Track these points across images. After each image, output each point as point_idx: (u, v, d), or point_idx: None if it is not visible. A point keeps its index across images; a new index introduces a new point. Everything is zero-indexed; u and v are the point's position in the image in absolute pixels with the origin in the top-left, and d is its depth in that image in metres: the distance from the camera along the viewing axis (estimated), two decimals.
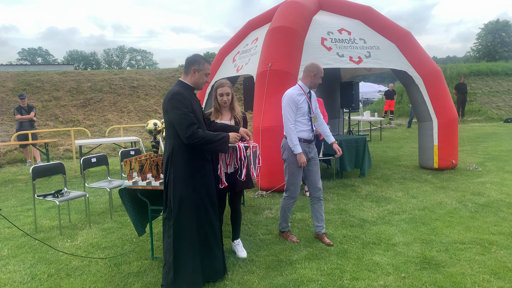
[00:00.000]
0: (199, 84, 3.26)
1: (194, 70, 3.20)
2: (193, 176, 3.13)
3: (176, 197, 3.10)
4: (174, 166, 3.11)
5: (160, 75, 17.83)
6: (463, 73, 21.84)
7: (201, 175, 3.18)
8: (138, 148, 6.40)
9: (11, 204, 6.39)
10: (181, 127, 3.00)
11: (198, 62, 3.20)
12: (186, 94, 3.11)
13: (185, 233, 3.13)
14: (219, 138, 3.13)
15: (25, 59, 68.01)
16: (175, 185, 3.10)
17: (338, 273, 3.50)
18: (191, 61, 3.22)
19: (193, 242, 3.14)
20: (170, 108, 3.04)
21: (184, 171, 3.10)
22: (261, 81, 6.72)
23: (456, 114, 7.79)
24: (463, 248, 3.98)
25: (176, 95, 3.05)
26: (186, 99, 3.06)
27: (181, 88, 3.14)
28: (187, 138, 3.00)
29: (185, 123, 2.99)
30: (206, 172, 3.22)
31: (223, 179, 3.63)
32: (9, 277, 3.67)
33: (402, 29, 7.90)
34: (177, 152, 3.10)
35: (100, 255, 4.12)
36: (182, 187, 3.10)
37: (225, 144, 3.15)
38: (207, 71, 3.26)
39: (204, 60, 3.23)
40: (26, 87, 14.67)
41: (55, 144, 12.20)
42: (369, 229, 4.60)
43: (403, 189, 6.44)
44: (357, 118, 14.85)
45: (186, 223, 3.12)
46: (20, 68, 25.60)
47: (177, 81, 3.26)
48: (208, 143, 3.07)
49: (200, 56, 3.26)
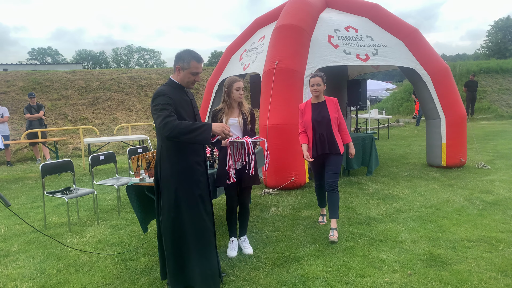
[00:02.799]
0: (185, 83, 3.03)
1: (178, 69, 2.98)
2: (181, 177, 2.98)
3: (165, 200, 3.01)
4: (161, 168, 3.00)
5: (167, 73, 17.91)
6: (473, 71, 21.61)
7: (190, 176, 3.02)
8: (146, 146, 6.45)
9: (21, 201, 6.48)
10: (156, 124, 2.80)
11: (183, 60, 2.95)
12: (170, 93, 2.91)
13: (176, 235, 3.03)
14: (197, 126, 2.77)
15: (35, 59, 68.70)
16: (163, 188, 3.00)
17: (344, 270, 3.51)
18: (177, 58, 2.99)
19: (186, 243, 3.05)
20: (151, 108, 2.90)
21: (171, 173, 2.97)
22: (268, 79, 6.73)
23: (464, 112, 7.73)
24: (470, 245, 3.96)
25: (157, 94, 2.89)
26: (167, 97, 2.86)
27: (167, 87, 2.95)
28: (160, 130, 2.77)
29: (158, 118, 2.78)
30: (195, 172, 3.04)
31: (231, 175, 3.65)
32: (19, 272, 3.73)
33: (409, 26, 7.85)
34: (164, 154, 2.98)
35: (108, 251, 4.16)
36: (169, 190, 2.98)
37: (206, 133, 2.79)
38: (194, 70, 2.97)
39: (191, 57, 2.95)
40: (36, 86, 14.84)
41: (64, 142, 12.33)
42: (376, 227, 4.59)
43: (411, 187, 6.41)
44: (365, 116, 14.78)
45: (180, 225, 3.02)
46: (30, 68, 25.92)
47: (168, 79, 3.11)
48: (184, 134, 2.74)
49: (188, 53, 2.97)
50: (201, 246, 3.08)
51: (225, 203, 5.76)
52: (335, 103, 4.42)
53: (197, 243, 3.06)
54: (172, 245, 3.05)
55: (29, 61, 64.78)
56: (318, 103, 4.45)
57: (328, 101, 4.44)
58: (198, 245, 3.07)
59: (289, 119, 6.35)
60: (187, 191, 3.02)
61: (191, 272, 3.05)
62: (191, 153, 3.04)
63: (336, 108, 4.41)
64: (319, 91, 4.36)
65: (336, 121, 4.39)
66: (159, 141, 3.04)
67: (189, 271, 3.06)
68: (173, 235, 3.04)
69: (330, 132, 4.34)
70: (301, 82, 6.74)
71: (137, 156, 3.86)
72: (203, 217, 3.09)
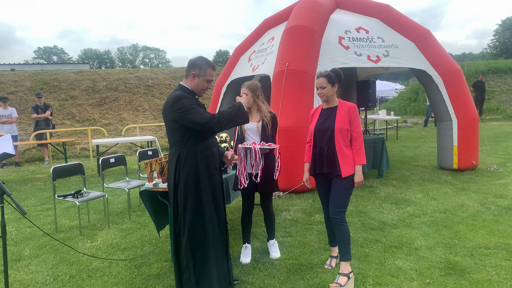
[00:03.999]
0: (198, 91, 3.03)
1: (193, 75, 2.98)
2: (201, 181, 2.97)
3: (185, 204, 2.96)
4: (182, 174, 2.95)
5: (174, 74, 17.91)
6: (481, 71, 21.44)
7: (209, 179, 3.01)
8: (155, 148, 6.43)
9: (31, 203, 6.48)
10: (196, 122, 2.83)
11: (199, 67, 2.97)
12: (189, 96, 2.93)
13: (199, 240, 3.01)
14: (234, 111, 2.98)
15: (41, 58, 69.02)
16: (183, 193, 2.96)
17: (361, 278, 3.45)
18: (192, 65, 3.00)
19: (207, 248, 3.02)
20: (176, 113, 2.86)
21: (192, 177, 2.94)
22: (278, 81, 6.67)
23: (476, 114, 7.63)
24: (488, 253, 3.89)
25: (178, 97, 2.87)
26: (189, 99, 2.90)
27: (182, 92, 2.96)
28: (206, 126, 2.84)
29: (197, 116, 2.81)
30: (213, 176, 3.05)
31: (241, 180, 3.63)
32: (32, 277, 3.71)
33: (421, 27, 7.77)
34: (184, 160, 2.94)
35: (120, 256, 4.13)
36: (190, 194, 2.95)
37: (242, 112, 3.00)
38: (209, 77, 3.01)
39: (207, 65, 2.99)
40: (44, 86, 14.87)
41: (71, 143, 12.34)
42: (390, 232, 4.53)
43: (423, 190, 6.33)
44: (373, 117, 14.68)
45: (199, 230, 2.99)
46: (37, 67, 26.01)
47: (178, 85, 3.08)
48: (228, 122, 2.94)
49: (203, 60, 3.01)
50: (218, 250, 3.07)
51: (236, 208, 5.75)
52: (348, 111, 3.47)
53: (214, 247, 3.04)
54: (192, 249, 3.00)
55: (35, 60, 65.10)
56: (328, 109, 3.59)
57: (341, 107, 3.52)
58: (216, 250, 3.05)
59: (300, 121, 6.30)
60: (207, 195, 3.00)
61: (209, 278, 3.01)
62: (209, 157, 3.03)
63: (347, 117, 3.45)
64: (325, 95, 3.53)
65: (345, 133, 3.43)
66: (176, 145, 2.97)
67: (207, 277, 3.02)
68: (194, 239, 2.99)
69: (332, 146, 3.44)
70: (312, 84, 6.67)
71: (151, 161, 3.82)
72: (220, 221, 3.10)
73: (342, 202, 3.44)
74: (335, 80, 3.52)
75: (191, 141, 2.94)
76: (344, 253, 3.45)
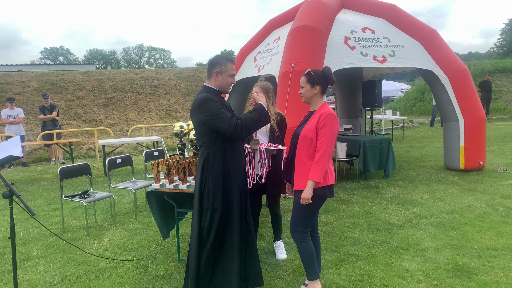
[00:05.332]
0: (224, 87, 3.07)
1: (216, 73, 3.02)
2: (230, 182, 3.01)
3: (216, 204, 2.98)
4: (210, 174, 2.98)
5: (180, 74, 17.94)
6: (488, 70, 21.27)
7: (237, 179, 3.05)
8: (161, 149, 6.44)
9: (39, 204, 6.52)
10: (222, 129, 2.88)
11: (219, 64, 3.02)
12: (215, 98, 2.98)
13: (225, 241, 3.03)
14: (257, 114, 2.95)
15: (47, 58, 69.45)
16: (214, 192, 2.98)
17: (367, 280, 3.44)
18: (212, 64, 3.04)
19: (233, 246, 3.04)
20: (203, 116, 2.90)
21: (221, 179, 2.98)
22: (284, 82, 6.67)
23: (483, 114, 7.58)
24: (496, 254, 3.86)
25: (204, 100, 2.91)
26: (216, 101, 2.94)
27: (208, 93, 3.00)
28: (233, 134, 2.87)
29: (223, 123, 2.85)
30: (240, 175, 3.10)
31: (249, 179, 3.64)
32: (40, 277, 3.74)
33: (427, 27, 7.73)
34: (212, 160, 2.98)
35: (127, 257, 4.15)
36: (220, 194, 2.98)
37: (265, 114, 2.98)
38: (231, 72, 3.05)
39: (226, 60, 3.04)
40: (50, 87, 14.96)
41: (78, 143, 12.41)
42: (397, 233, 4.51)
43: (429, 191, 6.30)
44: (379, 117, 14.62)
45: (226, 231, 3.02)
46: (44, 68, 26.17)
47: (202, 87, 3.12)
48: (253, 127, 2.94)
49: (221, 57, 3.08)
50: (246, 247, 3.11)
51: None
52: (319, 118, 3.00)
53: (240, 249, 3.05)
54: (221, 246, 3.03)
55: (42, 61, 65.51)
56: (310, 112, 3.23)
57: (317, 112, 3.08)
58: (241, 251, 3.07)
59: None
60: (235, 195, 3.03)
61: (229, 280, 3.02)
62: (237, 156, 3.08)
63: (315, 125, 3.00)
64: (303, 96, 3.16)
65: (308, 142, 3.02)
66: (205, 146, 3.00)
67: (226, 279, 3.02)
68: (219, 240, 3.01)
69: (294, 155, 3.14)
70: None
71: (157, 161, 3.83)
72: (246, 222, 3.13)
73: (296, 220, 3.12)
74: (315, 80, 3.09)
75: (219, 141, 2.98)
76: (309, 272, 3.17)
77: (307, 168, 3.00)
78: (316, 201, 3.03)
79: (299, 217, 3.11)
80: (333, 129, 2.97)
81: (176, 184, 3.74)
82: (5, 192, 2.64)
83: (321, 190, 3.01)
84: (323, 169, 2.94)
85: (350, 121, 10.57)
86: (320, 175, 2.93)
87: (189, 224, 5.08)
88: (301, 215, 3.10)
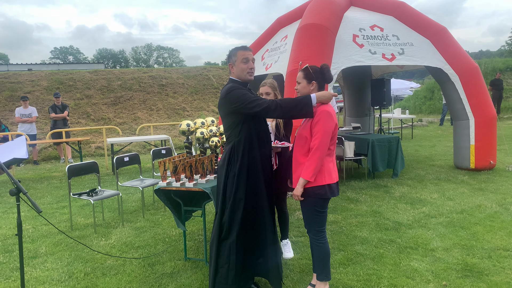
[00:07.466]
0: (242, 75, 3.04)
1: (231, 65, 3.10)
2: (253, 174, 3.02)
3: (238, 196, 3.00)
4: (237, 162, 3.01)
5: (188, 73, 17.98)
6: (499, 68, 20.99)
7: (261, 173, 3.06)
8: (169, 147, 6.45)
9: (47, 201, 6.57)
10: (249, 107, 2.87)
11: (230, 56, 3.11)
12: (240, 86, 3.01)
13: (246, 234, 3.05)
14: (296, 99, 2.87)
15: (57, 58, 70.11)
16: (238, 182, 3.00)
17: (375, 279, 3.41)
18: (227, 58, 3.16)
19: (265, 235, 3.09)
20: (231, 104, 2.93)
21: (246, 169, 3.00)
22: (292, 80, 6.63)
23: (494, 112, 7.48)
24: (507, 255, 3.80)
25: (230, 90, 2.96)
26: (241, 88, 2.97)
27: (233, 84, 3.05)
28: (266, 110, 2.85)
29: (251, 102, 2.86)
30: (265, 170, 3.11)
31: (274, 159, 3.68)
32: (48, 275, 3.76)
33: (437, 24, 7.64)
34: (238, 150, 3.00)
35: (134, 255, 4.16)
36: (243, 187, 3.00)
37: (305, 104, 2.83)
38: (241, 58, 3.01)
39: (236, 50, 3.09)
40: (60, 86, 15.08)
41: (86, 141, 12.49)
42: (405, 233, 4.46)
43: (439, 190, 6.23)
44: (388, 116, 14.50)
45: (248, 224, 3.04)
46: (54, 67, 26.42)
47: (228, 80, 3.19)
48: (289, 110, 2.85)
49: (232, 49, 3.14)
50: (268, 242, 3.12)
51: None
52: (318, 116, 2.89)
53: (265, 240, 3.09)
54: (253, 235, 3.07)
55: (52, 60, 66.16)
56: None
57: (315, 110, 2.93)
58: (274, 237, 3.16)
59: None
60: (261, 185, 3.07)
61: (264, 264, 3.09)
62: (261, 147, 3.09)
63: (310, 124, 2.94)
64: (299, 92, 3.09)
65: (303, 141, 2.98)
66: (230, 138, 3.05)
67: (262, 263, 3.09)
68: (253, 227, 3.06)
69: (292, 152, 3.17)
70: None
71: (164, 160, 3.83)
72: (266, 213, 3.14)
73: (306, 219, 3.10)
74: (312, 76, 2.99)
75: (245, 131, 3.00)
76: (320, 271, 3.09)
77: (302, 166, 2.95)
78: (317, 201, 2.98)
79: (307, 217, 3.09)
80: (326, 127, 2.87)
81: (182, 182, 3.73)
82: (12, 189, 2.65)
83: (320, 189, 2.93)
84: (314, 167, 2.87)
85: (358, 120, 10.50)
86: (310, 174, 2.87)
87: (196, 222, 5.08)
88: (308, 215, 3.07)
